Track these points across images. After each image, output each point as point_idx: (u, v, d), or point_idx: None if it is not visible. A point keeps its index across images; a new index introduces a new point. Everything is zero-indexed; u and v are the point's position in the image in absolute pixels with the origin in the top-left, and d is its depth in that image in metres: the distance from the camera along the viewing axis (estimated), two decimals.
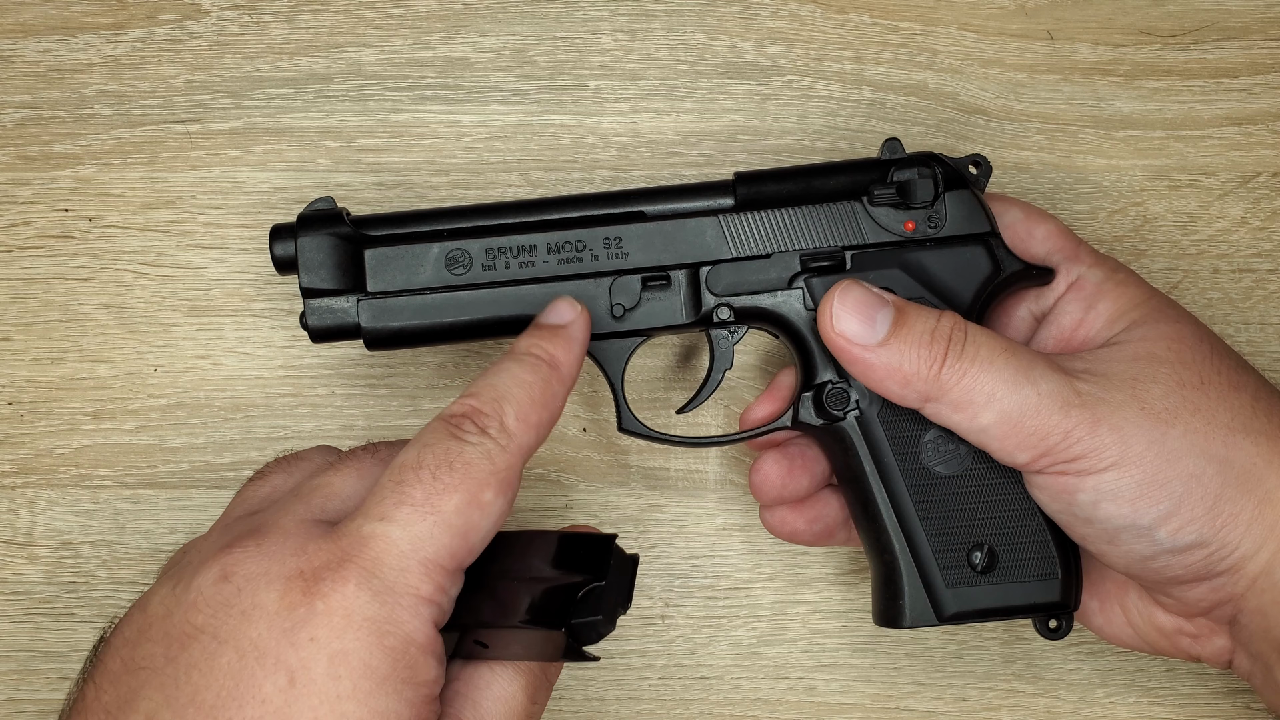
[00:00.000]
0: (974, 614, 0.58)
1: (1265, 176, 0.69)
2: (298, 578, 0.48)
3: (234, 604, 0.48)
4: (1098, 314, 0.59)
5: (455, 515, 0.49)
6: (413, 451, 0.51)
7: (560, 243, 0.60)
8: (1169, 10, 0.70)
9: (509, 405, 0.52)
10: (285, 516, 0.51)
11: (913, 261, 0.59)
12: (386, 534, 0.48)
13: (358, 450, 0.55)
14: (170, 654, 0.48)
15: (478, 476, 0.50)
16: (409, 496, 0.49)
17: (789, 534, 0.63)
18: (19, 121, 0.69)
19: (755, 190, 0.60)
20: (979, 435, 0.55)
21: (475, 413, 0.52)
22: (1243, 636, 0.57)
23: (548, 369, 0.54)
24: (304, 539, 0.49)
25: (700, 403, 0.63)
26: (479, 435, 0.51)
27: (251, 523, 0.52)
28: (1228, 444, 0.55)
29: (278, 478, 0.56)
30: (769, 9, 0.69)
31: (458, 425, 0.51)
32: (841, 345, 0.56)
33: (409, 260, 0.60)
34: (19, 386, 0.68)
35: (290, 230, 0.60)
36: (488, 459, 0.50)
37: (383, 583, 0.47)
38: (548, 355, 0.55)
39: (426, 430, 0.52)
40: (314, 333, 0.60)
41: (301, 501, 0.52)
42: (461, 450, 0.50)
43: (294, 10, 0.69)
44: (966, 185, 0.60)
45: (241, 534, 0.51)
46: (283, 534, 0.50)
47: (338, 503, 0.52)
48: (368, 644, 0.47)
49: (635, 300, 0.60)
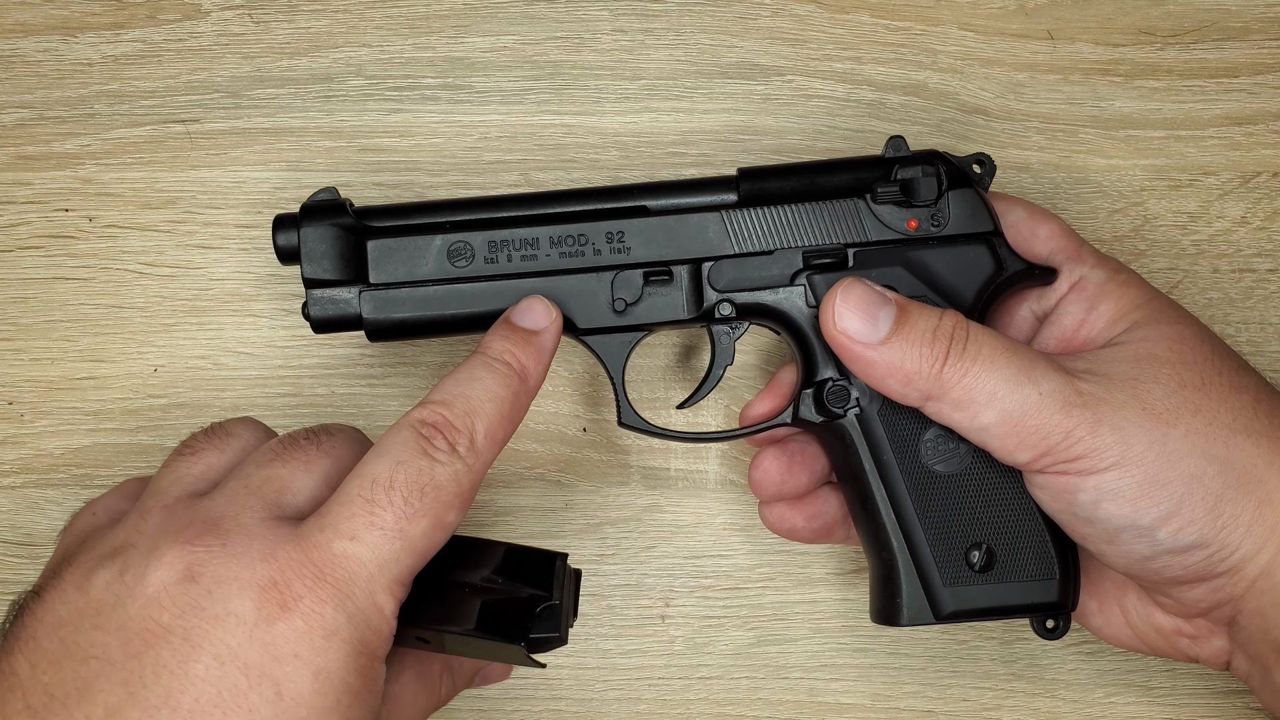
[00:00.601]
0: (971, 613, 0.58)
1: (1265, 176, 0.69)
2: (272, 588, 0.48)
3: (205, 607, 0.48)
4: (1100, 314, 0.59)
5: (421, 539, 0.51)
6: (384, 465, 0.51)
7: (563, 236, 0.60)
8: (1169, 10, 0.70)
9: (480, 421, 0.53)
10: (244, 513, 0.51)
11: (915, 260, 0.59)
12: (358, 556, 0.49)
13: (300, 440, 0.55)
14: (131, 649, 0.48)
15: (444, 501, 0.51)
16: (380, 519, 0.50)
17: (787, 530, 0.63)
18: (19, 121, 0.69)
19: (758, 186, 0.60)
20: (980, 434, 0.55)
21: (448, 426, 0.53)
22: (1241, 638, 0.57)
23: (519, 382, 0.55)
24: (271, 543, 0.49)
25: (701, 398, 0.63)
26: (449, 454, 0.52)
27: (204, 511, 0.51)
28: (1229, 445, 0.55)
29: (210, 455, 0.55)
30: (769, 9, 0.69)
31: (429, 440, 0.52)
32: (843, 343, 0.56)
33: (411, 252, 0.60)
34: (19, 386, 0.68)
35: (293, 220, 0.60)
36: (455, 482, 0.52)
37: (355, 605, 0.49)
38: (519, 366, 0.55)
39: (397, 439, 0.52)
40: (316, 323, 0.60)
41: (255, 496, 0.52)
42: (433, 473, 0.51)
43: (294, 10, 0.69)
44: (970, 184, 0.60)
45: (199, 527, 0.50)
46: (247, 535, 0.50)
47: (291, 498, 0.53)
48: (345, 662, 0.48)
49: (637, 295, 0.60)
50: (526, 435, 0.68)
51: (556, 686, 0.67)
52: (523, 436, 0.68)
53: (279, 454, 0.54)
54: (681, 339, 0.68)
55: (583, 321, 0.60)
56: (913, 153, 0.60)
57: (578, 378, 0.68)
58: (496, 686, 0.67)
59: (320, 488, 0.53)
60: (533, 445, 0.68)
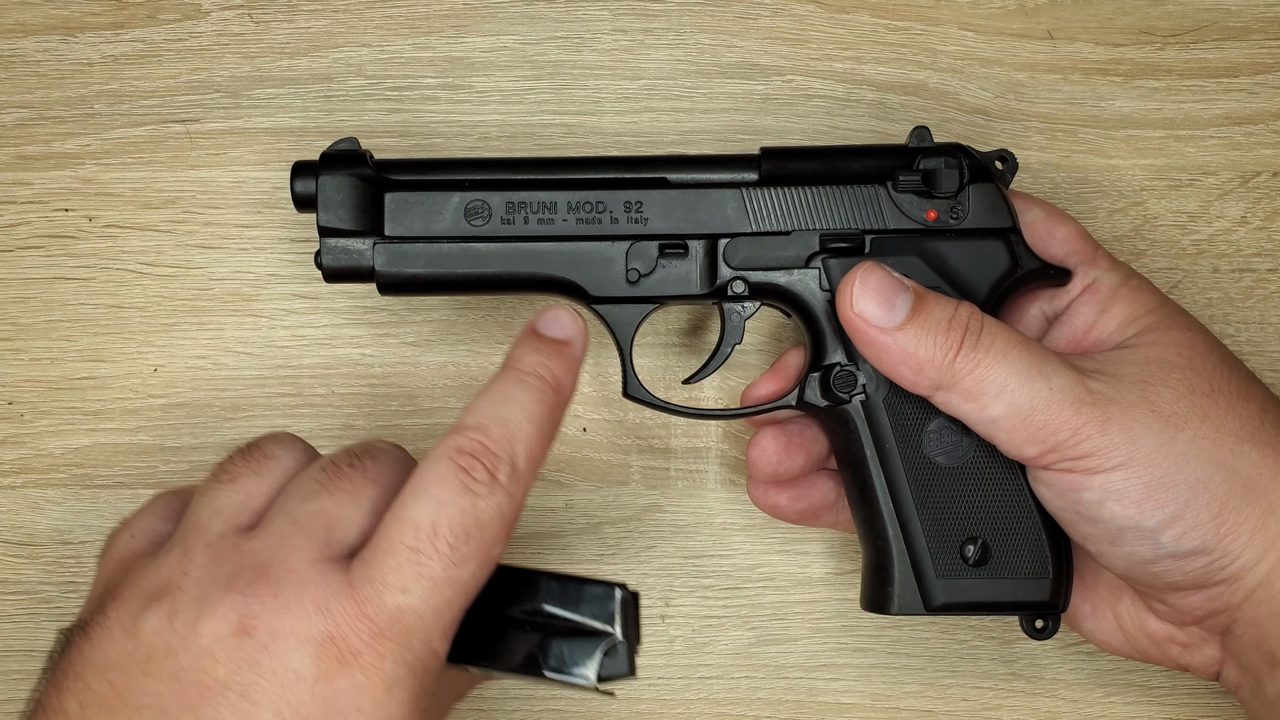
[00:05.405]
0: (962, 606, 0.58)
1: (1265, 176, 0.69)
2: (329, 643, 0.47)
3: (261, 663, 0.47)
4: (1111, 317, 0.59)
5: (471, 581, 0.49)
6: (426, 508, 0.48)
7: (581, 202, 0.60)
8: (1169, 10, 0.70)
9: (520, 445, 0.50)
10: (293, 556, 0.49)
11: (931, 251, 0.59)
12: (412, 609, 0.47)
13: (344, 466, 0.52)
14: (186, 701, 0.47)
15: (490, 538, 0.49)
16: (429, 569, 0.48)
17: (771, 507, 0.63)
18: (19, 121, 0.69)
19: (780, 166, 0.60)
20: (988, 427, 0.55)
21: (486, 453, 0.50)
22: (1235, 647, 0.57)
23: (554, 395, 0.52)
24: (323, 592, 0.48)
25: (708, 374, 0.63)
26: (490, 485, 0.49)
27: (252, 555, 0.49)
28: (1235, 452, 0.55)
29: (249, 481, 0.53)
30: (769, 9, 0.69)
31: (468, 471, 0.49)
32: (859, 326, 0.56)
33: (428, 207, 0.60)
34: (19, 386, 0.68)
35: (312, 168, 0.60)
36: (499, 515, 0.49)
37: (414, 655, 0.48)
38: (553, 379, 0.53)
39: (435, 474, 0.49)
40: (328, 272, 0.60)
41: (304, 535, 0.50)
42: (476, 511, 0.49)
43: (294, 10, 0.69)
44: (992, 179, 0.60)
45: (250, 575, 0.48)
46: (299, 582, 0.48)
47: (340, 533, 0.50)
48: (406, 711, 0.47)
49: (651, 266, 0.60)
50: None
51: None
52: None
53: (324, 484, 0.52)
54: (688, 323, 0.68)
55: (595, 290, 0.60)
56: (936, 144, 0.60)
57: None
58: (496, 686, 0.67)
59: (369, 519, 0.51)
60: None
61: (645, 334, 0.68)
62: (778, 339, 0.68)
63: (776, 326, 0.68)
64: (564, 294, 0.61)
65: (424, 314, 0.68)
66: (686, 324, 0.69)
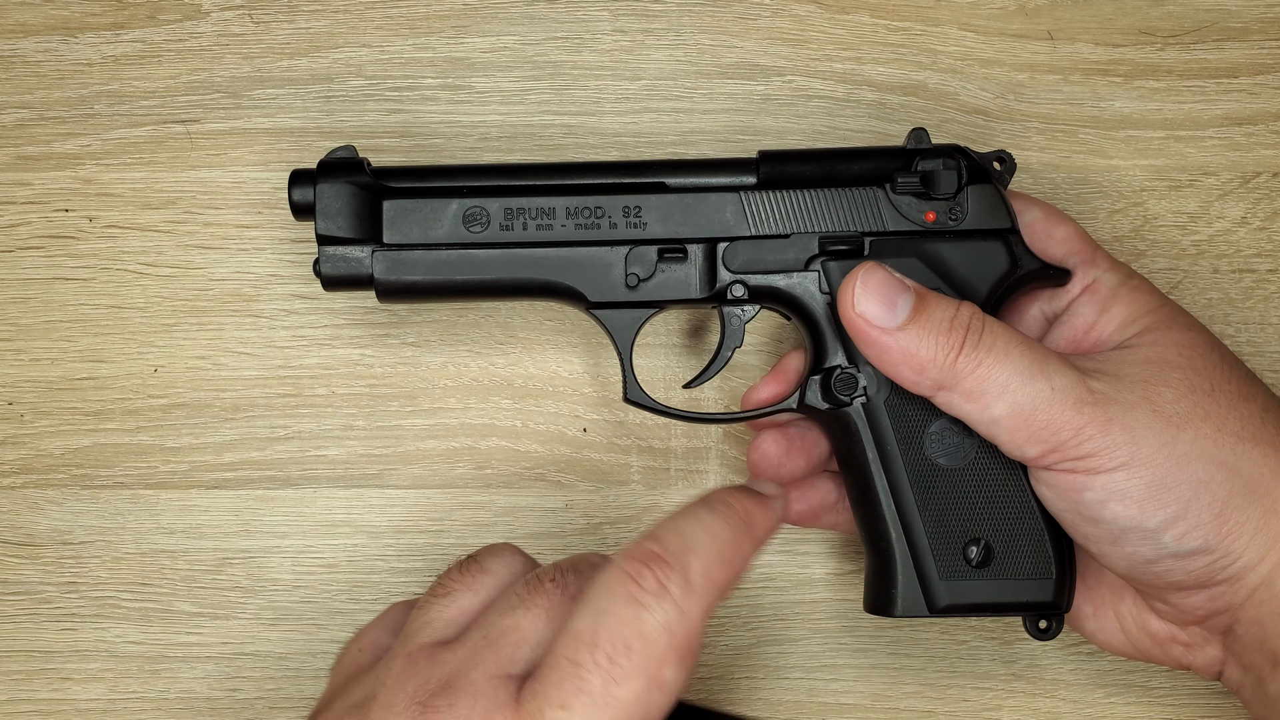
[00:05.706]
0: (966, 608, 0.58)
1: (1265, 176, 0.69)
2: None
3: None
4: (1111, 318, 0.59)
5: (635, 703, 0.46)
6: (588, 618, 0.47)
7: (580, 208, 0.60)
8: (1169, 10, 0.70)
9: (695, 558, 0.48)
10: (476, 670, 0.48)
11: (931, 252, 0.59)
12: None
13: (545, 582, 0.51)
14: None
15: (656, 655, 0.46)
16: (587, 684, 0.46)
17: None
18: (19, 121, 0.69)
19: (778, 169, 0.60)
20: (990, 427, 0.55)
21: (657, 561, 0.47)
22: (1236, 647, 0.57)
23: (740, 523, 0.50)
24: (492, 705, 0.47)
25: (708, 378, 0.63)
26: (658, 595, 0.47)
27: (440, 666, 0.49)
28: (1237, 452, 0.55)
29: (463, 597, 0.52)
30: (769, 9, 0.69)
31: (636, 579, 0.47)
32: (860, 326, 0.56)
33: (427, 214, 0.60)
34: (19, 386, 0.68)
35: (310, 176, 0.60)
36: (667, 631, 0.46)
37: None
38: (744, 510, 0.51)
39: (604, 585, 0.48)
40: (327, 281, 0.60)
41: (491, 650, 0.49)
42: (639, 623, 0.46)
43: (294, 10, 0.69)
44: (990, 180, 0.60)
45: (433, 686, 0.48)
46: (473, 694, 0.47)
47: (526, 650, 0.49)
48: None
49: (650, 271, 0.60)
50: (527, 435, 0.68)
51: None
52: (523, 436, 0.68)
53: (523, 599, 0.51)
54: (688, 327, 0.68)
55: (594, 295, 0.60)
56: (934, 145, 0.60)
57: (577, 378, 0.68)
58: None
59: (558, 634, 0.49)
60: (533, 445, 0.68)
61: (646, 335, 0.68)
62: (778, 341, 0.68)
63: (777, 328, 0.68)
64: (563, 299, 0.61)
65: (424, 315, 0.68)
66: (688, 325, 0.69)
